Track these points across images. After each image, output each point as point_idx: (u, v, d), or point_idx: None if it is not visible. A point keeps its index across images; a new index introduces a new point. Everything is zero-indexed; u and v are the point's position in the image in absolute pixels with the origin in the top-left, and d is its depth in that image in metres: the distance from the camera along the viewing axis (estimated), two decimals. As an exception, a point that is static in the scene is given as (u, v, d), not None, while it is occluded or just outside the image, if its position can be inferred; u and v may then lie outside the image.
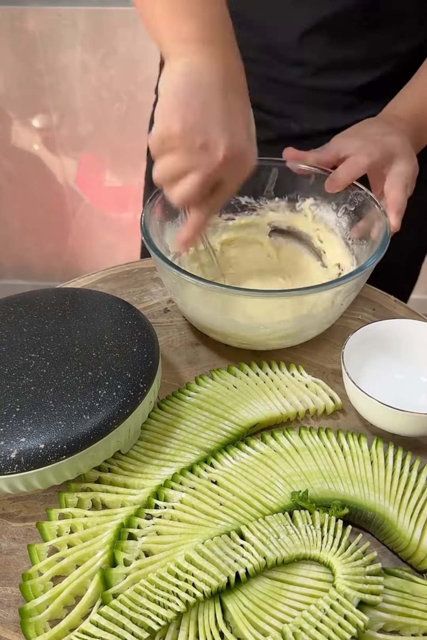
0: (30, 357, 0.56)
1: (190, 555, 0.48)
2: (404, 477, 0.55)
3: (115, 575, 0.48)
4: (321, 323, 0.67)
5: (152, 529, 0.52)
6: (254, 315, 0.64)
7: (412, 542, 0.51)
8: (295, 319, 0.64)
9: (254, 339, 0.67)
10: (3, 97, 1.62)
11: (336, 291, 0.61)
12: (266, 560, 0.48)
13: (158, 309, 0.78)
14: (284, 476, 0.56)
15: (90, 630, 0.45)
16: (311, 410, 0.64)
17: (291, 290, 0.61)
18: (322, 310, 0.64)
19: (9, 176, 1.78)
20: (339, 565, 0.47)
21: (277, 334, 0.66)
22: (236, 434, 0.60)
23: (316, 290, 0.59)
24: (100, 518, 0.53)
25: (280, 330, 0.65)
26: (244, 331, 0.66)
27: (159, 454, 0.58)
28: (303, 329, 0.66)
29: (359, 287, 0.66)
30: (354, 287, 0.63)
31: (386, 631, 0.47)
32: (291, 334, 0.66)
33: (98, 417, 0.52)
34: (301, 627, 0.44)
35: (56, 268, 2.00)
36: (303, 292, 0.60)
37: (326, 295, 0.61)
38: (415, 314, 0.75)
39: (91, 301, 0.63)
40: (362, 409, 0.61)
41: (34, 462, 0.50)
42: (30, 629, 0.46)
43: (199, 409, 0.62)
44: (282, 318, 0.63)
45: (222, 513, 0.53)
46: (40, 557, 0.51)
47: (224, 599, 0.47)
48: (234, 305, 0.64)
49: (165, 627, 0.46)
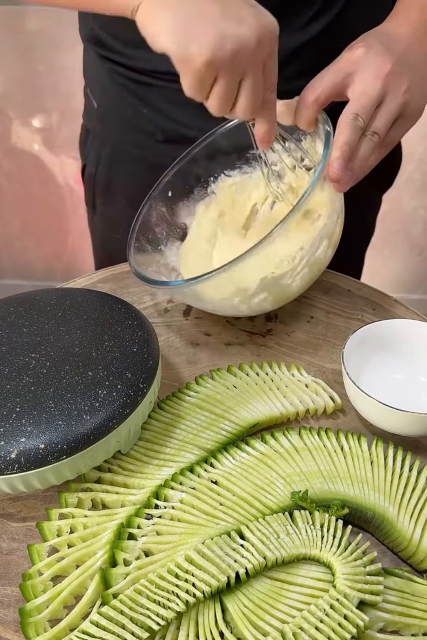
0: (30, 357, 0.56)
1: (190, 555, 0.48)
2: (404, 477, 0.55)
3: (115, 575, 0.48)
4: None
5: (152, 529, 0.52)
6: (252, 279, 0.63)
7: (412, 542, 0.51)
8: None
9: (276, 290, 0.65)
10: (3, 97, 1.62)
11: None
12: (265, 560, 0.48)
13: (158, 309, 0.78)
14: (284, 476, 0.56)
15: (90, 630, 0.45)
16: (311, 410, 0.64)
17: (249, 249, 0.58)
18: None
19: (9, 176, 1.78)
20: (339, 565, 0.47)
21: (296, 269, 0.64)
22: (236, 434, 0.60)
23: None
24: (100, 518, 0.53)
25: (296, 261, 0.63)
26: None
27: (159, 454, 0.58)
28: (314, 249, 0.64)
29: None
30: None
31: (386, 631, 0.47)
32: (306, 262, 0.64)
33: (98, 417, 0.52)
34: (301, 627, 0.44)
35: (56, 268, 2.00)
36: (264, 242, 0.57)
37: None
38: (415, 314, 0.75)
39: (91, 301, 0.63)
40: (362, 409, 0.61)
41: (34, 462, 0.50)
42: (30, 629, 0.46)
43: (199, 409, 0.62)
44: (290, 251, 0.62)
45: (222, 513, 0.53)
46: (40, 557, 0.51)
47: (224, 599, 0.47)
48: (231, 283, 0.63)
49: (165, 627, 0.46)
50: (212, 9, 0.50)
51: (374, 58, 0.58)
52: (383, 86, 0.57)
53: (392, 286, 1.85)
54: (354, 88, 0.59)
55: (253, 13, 0.51)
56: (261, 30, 0.50)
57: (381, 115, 0.58)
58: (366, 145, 0.59)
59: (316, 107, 0.61)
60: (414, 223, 1.79)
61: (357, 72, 0.59)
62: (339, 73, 0.60)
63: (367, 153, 0.59)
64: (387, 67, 0.57)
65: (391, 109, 0.58)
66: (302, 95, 0.62)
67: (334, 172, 0.58)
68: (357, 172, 0.59)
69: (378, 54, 0.59)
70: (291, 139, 0.69)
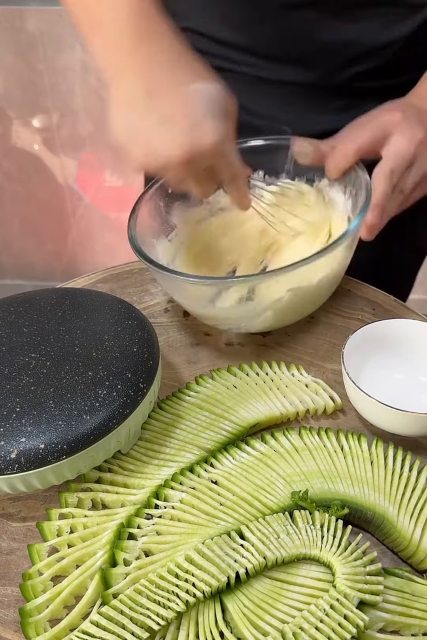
0: (30, 357, 0.56)
1: (190, 555, 0.48)
2: (404, 477, 0.55)
3: (115, 575, 0.48)
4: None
5: (152, 528, 0.52)
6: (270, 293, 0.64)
7: (412, 542, 0.51)
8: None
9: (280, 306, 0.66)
10: (3, 97, 1.62)
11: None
12: (265, 560, 0.48)
13: (158, 309, 0.78)
14: (284, 476, 0.56)
15: (90, 630, 0.45)
16: (311, 410, 0.64)
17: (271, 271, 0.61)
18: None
19: (9, 176, 1.78)
20: (339, 565, 0.47)
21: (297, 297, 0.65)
22: (236, 434, 0.60)
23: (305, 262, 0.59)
24: (100, 518, 0.53)
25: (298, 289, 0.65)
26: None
27: (159, 454, 0.58)
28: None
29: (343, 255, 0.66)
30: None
31: (386, 631, 0.47)
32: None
33: (98, 417, 0.52)
34: (301, 627, 0.44)
35: (56, 268, 2.00)
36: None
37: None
38: (415, 314, 0.75)
39: (91, 301, 0.63)
40: (362, 409, 0.61)
41: (34, 462, 0.50)
42: (30, 629, 0.46)
43: (199, 409, 0.62)
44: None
45: (222, 513, 0.53)
46: (40, 557, 0.51)
47: (224, 599, 0.47)
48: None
49: (165, 627, 0.46)
50: (149, 124, 0.53)
51: (410, 125, 0.63)
52: (415, 152, 0.63)
53: (392, 286, 1.85)
54: (389, 148, 0.63)
55: (188, 128, 0.53)
56: (190, 149, 0.53)
57: (409, 177, 0.64)
58: (392, 201, 0.64)
59: (355, 159, 0.66)
60: (414, 223, 1.79)
61: (394, 135, 0.63)
62: (379, 131, 0.64)
63: (393, 208, 0.65)
64: (420, 136, 0.63)
65: (419, 172, 0.64)
66: (341, 144, 0.66)
67: (371, 220, 0.63)
68: (384, 223, 0.64)
69: (413, 123, 0.64)
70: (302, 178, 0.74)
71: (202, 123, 0.53)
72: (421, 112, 0.66)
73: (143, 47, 0.55)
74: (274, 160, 0.74)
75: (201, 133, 0.53)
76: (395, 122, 0.64)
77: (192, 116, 0.53)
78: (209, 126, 0.53)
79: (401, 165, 0.63)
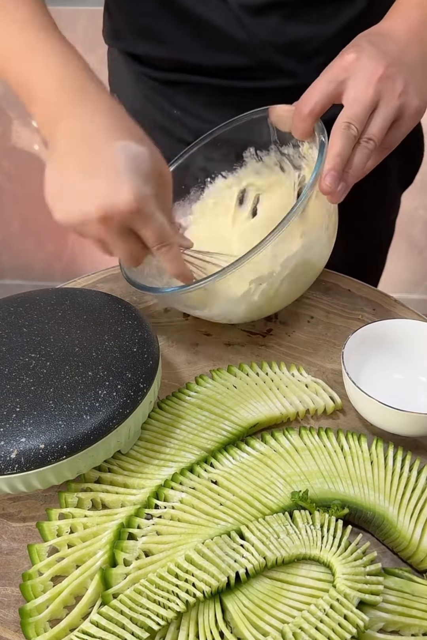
0: (30, 357, 0.56)
1: (190, 555, 0.48)
2: (404, 477, 0.55)
3: (115, 575, 0.48)
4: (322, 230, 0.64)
5: (152, 529, 0.52)
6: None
7: (412, 542, 0.51)
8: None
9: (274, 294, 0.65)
10: (3, 97, 1.62)
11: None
12: (265, 560, 0.48)
13: (158, 309, 0.78)
14: (284, 476, 0.56)
15: (90, 630, 0.45)
16: (311, 410, 0.64)
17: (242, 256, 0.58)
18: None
19: (9, 176, 1.78)
20: (339, 565, 0.47)
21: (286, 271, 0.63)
22: (236, 434, 0.60)
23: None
24: (100, 518, 0.53)
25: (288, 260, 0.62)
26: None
27: (159, 454, 0.58)
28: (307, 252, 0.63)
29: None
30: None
31: (386, 631, 0.47)
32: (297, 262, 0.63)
33: (98, 417, 0.52)
34: (301, 627, 0.44)
35: (56, 268, 2.00)
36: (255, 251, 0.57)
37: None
38: (415, 314, 0.75)
39: (91, 301, 0.63)
40: (362, 409, 0.61)
41: (34, 462, 0.50)
42: (30, 629, 0.46)
43: (199, 409, 0.62)
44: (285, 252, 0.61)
45: (222, 513, 0.53)
46: (40, 557, 0.51)
47: (224, 599, 0.47)
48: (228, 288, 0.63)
49: (165, 627, 0.46)
50: (73, 179, 0.53)
51: (366, 62, 0.57)
52: (376, 91, 0.56)
53: (392, 286, 1.85)
54: (347, 95, 0.57)
55: (106, 184, 0.51)
56: (104, 205, 0.51)
57: (375, 120, 0.57)
58: (360, 154, 0.57)
59: (311, 119, 0.60)
60: (414, 223, 1.80)
61: (350, 79, 0.57)
62: (331, 82, 0.58)
63: (362, 161, 0.58)
64: (379, 71, 0.56)
65: (385, 113, 0.57)
66: (297, 106, 0.61)
67: (326, 186, 0.56)
68: (352, 181, 0.58)
69: (371, 58, 0.57)
70: (289, 145, 0.69)
71: (120, 180, 0.51)
72: (386, 38, 0.59)
73: (79, 107, 0.54)
74: (261, 133, 0.71)
75: (117, 190, 0.51)
76: (349, 64, 0.57)
77: (112, 173, 0.51)
78: (127, 184, 0.51)
79: (360, 113, 0.56)
